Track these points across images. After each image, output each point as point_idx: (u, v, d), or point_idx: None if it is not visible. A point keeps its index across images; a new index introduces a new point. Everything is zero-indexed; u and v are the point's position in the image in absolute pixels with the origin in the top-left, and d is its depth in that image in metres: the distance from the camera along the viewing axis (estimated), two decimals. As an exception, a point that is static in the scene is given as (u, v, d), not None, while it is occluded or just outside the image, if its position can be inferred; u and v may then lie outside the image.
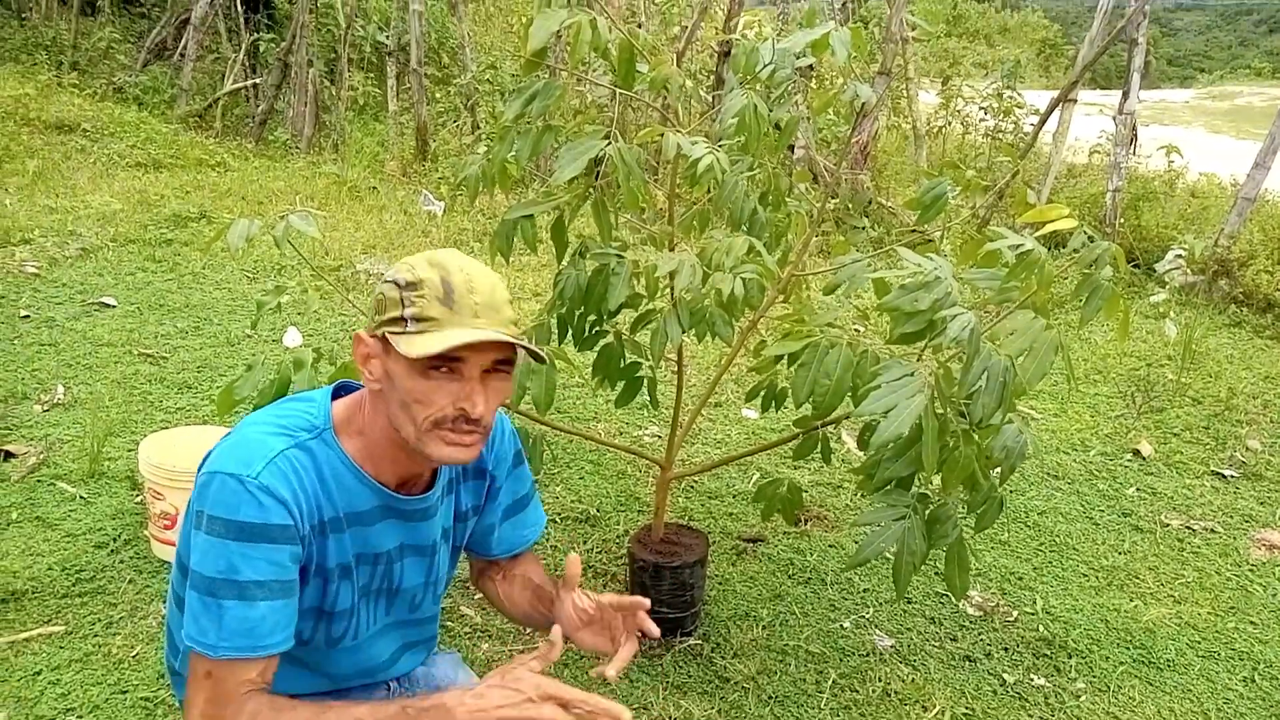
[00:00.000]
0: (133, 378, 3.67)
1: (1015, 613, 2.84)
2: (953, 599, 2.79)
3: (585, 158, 2.01)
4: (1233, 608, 2.96)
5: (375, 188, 6.74)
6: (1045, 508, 3.47)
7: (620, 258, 2.18)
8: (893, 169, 8.11)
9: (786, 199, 2.45)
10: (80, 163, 6.34)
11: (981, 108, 8.24)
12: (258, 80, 8.00)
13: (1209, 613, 2.92)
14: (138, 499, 2.88)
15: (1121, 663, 2.65)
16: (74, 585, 2.51)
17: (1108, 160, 7.07)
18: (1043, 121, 6.99)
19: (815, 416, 2.19)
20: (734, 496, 3.35)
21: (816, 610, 2.76)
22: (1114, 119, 6.79)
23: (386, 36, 8.25)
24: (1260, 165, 6.00)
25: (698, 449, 3.68)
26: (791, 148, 6.71)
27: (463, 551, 1.55)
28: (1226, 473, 3.84)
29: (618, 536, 3.03)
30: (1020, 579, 3.02)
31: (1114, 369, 4.81)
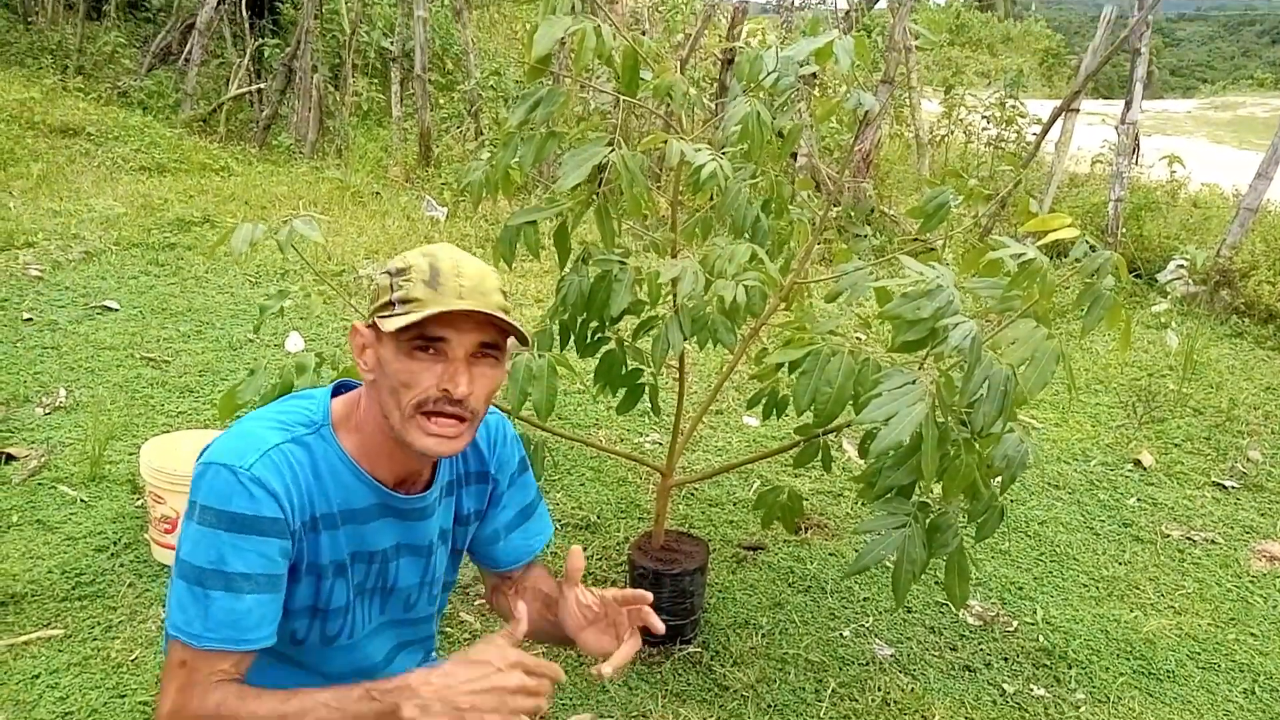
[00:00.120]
0: (135, 381, 3.68)
1: (1015, 623, 2.83)
2: (953, 608, 2.79)
3: (589, 164, 2.02)
4: (1233, 619, 2.96)
5: (378, 193, 6.74)
6: (1046, 517, 3.47)
7: (623, 264, 2.19)
8: (895, 177, 8.12)
9: (789, 207, 2.45)
10: (84, 166, 6.35)
11: (984, 117, 8.26)
12: (262, 85, 8.02)
13: (1209, 624, 2.92)
14: (138, 503, 2.88)
15: (1121, 674, 2.65)
16: (74, 589, 2.51)
17: (1110, 170, 7.08)
18: (1045, 131, 7.01)
19: (816, 424, 2.19)
20: (734, 504, 3.35)
21: (816, 619, 2.75)
22: (1116, 129, 6.80)
23: (391, 42, 8.27)
24: (1262, 175, 6.00)
25: (698, 456, 3.68)
26: (794, 155, 6.73)
27: (466, 560, 1.54)
28: (1227, 484, 3.84)
29: (618, 543, 3.02)
30: (1020, 589, 3.01)
31: (1115, 379, 4.81)
